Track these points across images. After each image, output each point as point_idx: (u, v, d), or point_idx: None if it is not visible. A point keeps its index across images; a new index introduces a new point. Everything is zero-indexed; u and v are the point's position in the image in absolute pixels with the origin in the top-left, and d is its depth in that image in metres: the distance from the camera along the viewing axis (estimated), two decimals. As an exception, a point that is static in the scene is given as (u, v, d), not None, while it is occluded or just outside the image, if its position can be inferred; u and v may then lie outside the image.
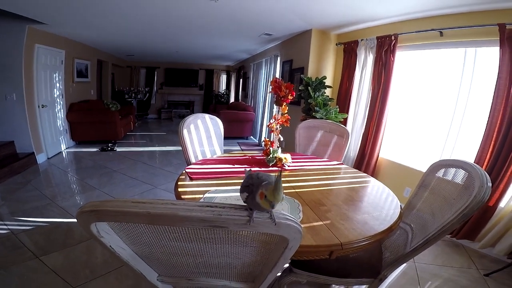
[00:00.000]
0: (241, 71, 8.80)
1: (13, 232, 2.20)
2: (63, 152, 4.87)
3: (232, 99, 9.92)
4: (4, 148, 3.77)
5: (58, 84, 4.82)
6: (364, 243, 0.98)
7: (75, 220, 2.42)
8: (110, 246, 0.66)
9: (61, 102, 4.97)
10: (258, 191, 0.60)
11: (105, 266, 1.86)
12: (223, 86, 10.71)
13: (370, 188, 1.59)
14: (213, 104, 9.75)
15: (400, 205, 1.29)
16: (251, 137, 7.02)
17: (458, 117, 2.65)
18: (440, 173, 1.32)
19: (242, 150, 5.70)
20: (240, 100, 8.73)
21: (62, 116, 5.01)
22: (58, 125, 4.86)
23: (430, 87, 3.00)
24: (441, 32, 2.61)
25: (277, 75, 5.21)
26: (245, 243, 0.68)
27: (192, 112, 10.27)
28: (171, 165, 4.29)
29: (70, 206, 2.75)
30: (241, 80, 8.89)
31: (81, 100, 5.71)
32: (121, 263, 1.83)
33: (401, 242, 1.35)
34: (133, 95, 8.61)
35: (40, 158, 4.21)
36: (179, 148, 5.38)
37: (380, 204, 1.36)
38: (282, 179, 1.50)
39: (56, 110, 4.80)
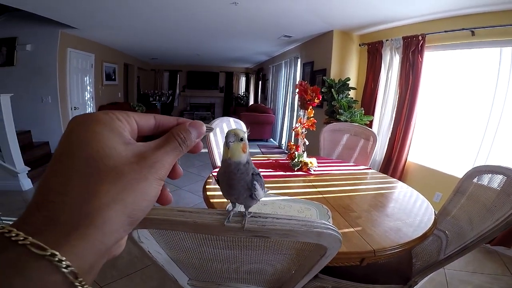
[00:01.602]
0: (260, 73, 8.83)
1: None
2: (93, 153, 5.13)
3: (251, 102, 9.98)
4: (41, 149, 4.03)
5: (88, 87, 5.09)
6: (397, 250, 0.95)
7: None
8: (149, 251, 0.68)
9: (92, 105, 5.23)
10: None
11: (130, 266, 1.91)
12: (242, 89, 10.81)
13: (400, 194, 1.54)
14: (233, 106, 9.85)
15: (434, 211, 1.25)
16: (271, 139, 7.01)
17: (494, 119, 2.49)
18: (478, 179, 1.26)
19: (263, 153, 5.71)
20: (259, 103, 8.76)
21: (93, 118, 5.29)
22: (89, 127, 5.14)
23: (462, 88, 2.84)
24: (472, 32, 2.49)
25: (298, 77, 5.17)
26: (280, 250, 0.68)
27: (213, 114, 10.45)
28: (193, 167, 4.38)
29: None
30: (260, 82, 8.91)
31: (110, 103, 5.98)
32: (145, 264, 1.90)
33: (433, 249, 1.31)
34: (157, 97, 8.88)
35: (72, 159, 4.46)
36: (202, 150, 5.50)
37: (413, 211, 1.32)
38: (308, 183, 1.50)
39: (87, 112, 5.05)
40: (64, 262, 0.17)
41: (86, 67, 4.96)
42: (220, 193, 1.39)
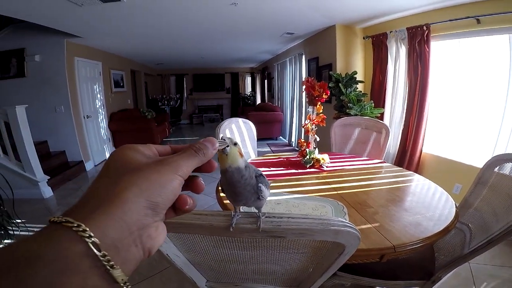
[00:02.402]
0: (265, 72, 8.81)
1: None
2: (107, 160, 5.23)
3: (258, 101, 9.98)
4: (58, 158, 4.15)
5: (99, 95, 5.15)
6: (418, 245, 0.93)
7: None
8: (167, 254, 0.69)
9: (103, 112, 5.31)
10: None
11: (150, 268, 1.94)
12: (248, 88, 10.82)
13: (418, 187, 1.50)
14: (241, 106, 9.87)
15: (454, 204, 1.21)
16: (280, 137, 6.99)
17: (511, 105, 2.39)
18: (500, 169, 1.21)
19: (273, 151, 5.69)
20: (266, 101, 8.75)
21: (105, 125, 5.37)
22: (102, 134, 5.23)
23: (474, 75, 2.75)
24: (478, 20, 2.43)
25: (303, 74, 5.13)
26: (297, 249, 0.67)
27: (222, 115, 10.50)
28: (205, 169, 4.40)
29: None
30: (265, 81, 8.89)
31: (120, 109, 6.07)
32: (164, 267, 1.92)
33: (457, 242, 1.27)
34: (166, 102, 8.99)
35: (88, 166, 4.56)
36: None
37: (432, 204, 1.28)
38: (321, 180, 1.48)
39: (99, 120, 5.15)
40: (87, 232, 0.21)
41: (94, 75, 5.00)
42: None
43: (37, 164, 3.26)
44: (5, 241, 2.04)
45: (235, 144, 0.49)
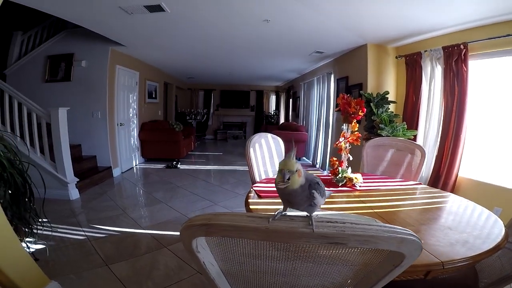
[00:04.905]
0: (291, 91, 8.86)
1: (88, 239, 2.40)
2: (134, 168, 5.40)
3: (281, 120, 9.98)
4: (88, 162, 4.35)
5: (133, 104, 5.38)
6: (467, 262, 0.89)
7: (143, 231, 2.60)
8: (203, 262, 0.66)
9: (135, 121, 5.53)
10: None
11: (167, 279, 1.89)
12: (272, 107, 10.90)
13: (460, 207, 1.43)
14: (264, 125, 9.92)
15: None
16: (304, 158, 6.86)
17: None
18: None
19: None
20: (290, 121, 8.72)
21: (135, 134, 5.58)
22: (132, 142, 5.42)
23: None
24: None
25: (332, 93, 5.08)
26: (347, 261, 0.62)
27: (245, 133, 10.61)
28: (228, 183, 4.40)
29: (139, 217, 2.98)
30: (290, 100, 8.92)
31: (151, 120, 6.30)
32: (180, 278, 1.87)
33: (505, 262, 1.19)
34: (193, 116, 9.27)
35: (116, 172, 4.71)
36: (234, 167, 5.65)
37: (478, 223, 1.24)
38: (355, 199, 1.41)
39: (131, 128, 5.36)
40: None
41: (131, 84, 5.23)
42: (262, 207, 1.37)
43: (69, 166, 3.42)
44: (27, 239, 2.09)
45: (296, 171, 0.57)
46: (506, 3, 2.25)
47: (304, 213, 0.62)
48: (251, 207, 1.30)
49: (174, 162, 5.60)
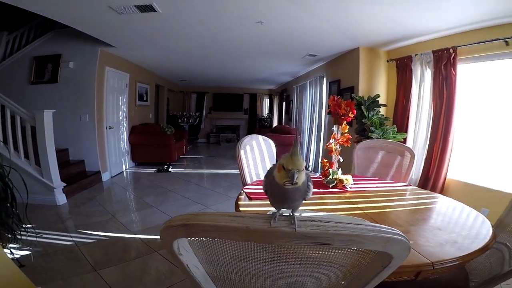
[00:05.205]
0: (284, 94, 8.89)
1: (76, 244, 2.33)
2: (124, 172, 5.29)
3: (275, 123, 10.00)
4: (76, 166, 4.24)
5: (123, 107, 5.25)
6: (457, 262, 0.89)
7: (133, 235, 2.54)
8: (187, 265, 0.63)
9: (125, 125, 5.39)
10: (275, 168, 0.58)
11: (158, 283, 1.85)
12: (266, 110, 10.91)
13: (449, 208, 1.44)
14: (257, 128, 9.91)
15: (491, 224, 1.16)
16: (296, 159, 6.87)
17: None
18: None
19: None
20: (283, 124, 8.73)
21: (125, 138, 5.45)
22: (121, 146, 5.30)
23: (502, 99, 2.67)
24: (506, 42, 2.42)
25: (324, 96, 5.12)
26: (334, 263, 0.60)
27: (238, 136, 10.56)
28: (220, 187, 4.36)
29: (129, 222, 2.91)
30: (283, 103, 8.95)
31: (142, 123, 6.19)
32: (172, 283, 1.83)
33: (494, 261, 1.21)
34: (185, 119, 9.17)
35: (105, 177, 4.59)
36: (227, 171, 5.60)
37: (466, 223, 1.24)
38: (345, 200, 1.41)
39: (120, 132, 5.24)
40: None
41: (121, 86, 5.10)
42: (252, 208, 1.34)
43: (55, 171, 3.31)
44: (11, 245, 2.01)
45: (303, 170, 0.55)
46: (494, 8, 2.31)
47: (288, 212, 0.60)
48: (241, 209, 1.27)
49: (166, 166, 5.51)
